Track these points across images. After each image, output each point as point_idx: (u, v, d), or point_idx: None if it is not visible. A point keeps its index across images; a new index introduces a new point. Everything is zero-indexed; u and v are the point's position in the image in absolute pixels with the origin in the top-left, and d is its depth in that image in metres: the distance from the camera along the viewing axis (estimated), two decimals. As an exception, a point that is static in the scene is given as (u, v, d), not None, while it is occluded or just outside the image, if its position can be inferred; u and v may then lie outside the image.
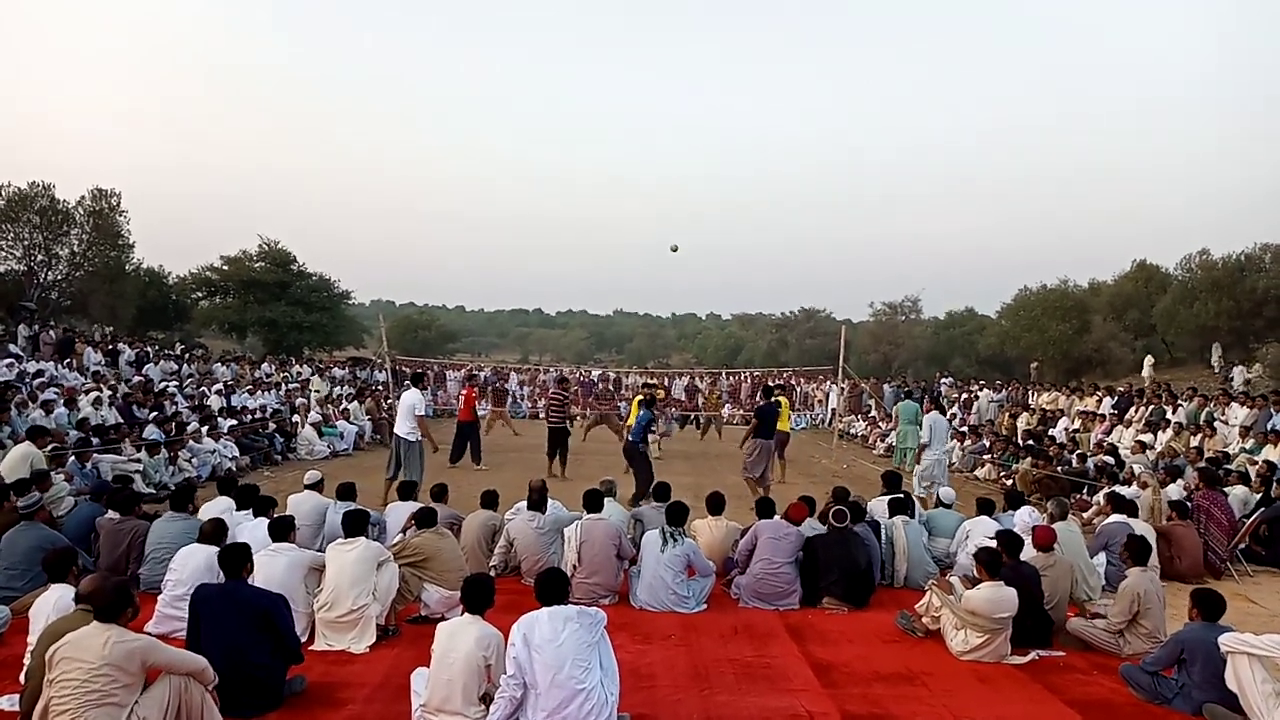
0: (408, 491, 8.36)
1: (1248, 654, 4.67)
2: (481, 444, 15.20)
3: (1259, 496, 9.65)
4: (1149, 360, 24.55)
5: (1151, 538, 7.73)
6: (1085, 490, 11.63)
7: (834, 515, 7.30)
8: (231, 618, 4.75)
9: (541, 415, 25.84)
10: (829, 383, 26.49)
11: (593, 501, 7.31)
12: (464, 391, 15.78)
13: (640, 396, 13.06)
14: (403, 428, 11.05)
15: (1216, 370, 24.80)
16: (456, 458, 14.70)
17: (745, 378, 32.30)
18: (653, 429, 11.59)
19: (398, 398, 17.80)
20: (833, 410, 23.65)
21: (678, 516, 7.17)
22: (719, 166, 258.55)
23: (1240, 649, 4.71)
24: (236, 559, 5.03)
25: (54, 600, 4.80)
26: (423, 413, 11.28)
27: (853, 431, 22.88)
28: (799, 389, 29.87)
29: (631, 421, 12.87)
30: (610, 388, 27.12)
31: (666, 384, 27.58)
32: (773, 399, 12.36)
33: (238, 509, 7.36)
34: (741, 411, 27.20)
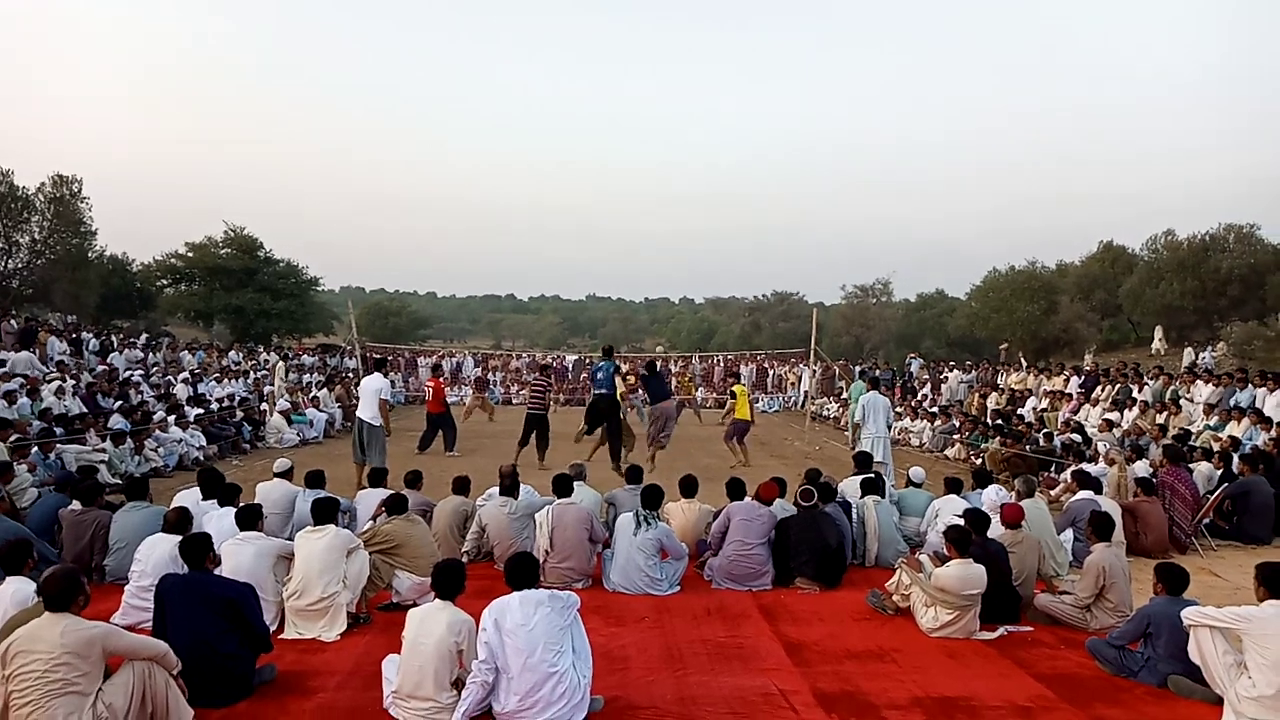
0: (378, 478, 8.29)
1: (1209, 626, 4.75)
2: (457, 430, 15.14)
3: (1220, 472, 9.82)
4: (1091, 349, 25.01)
5: (1117, 514, 7.84)
6: (1053, 468, 11.77)
7: (800, 495, 7.34)
8: (197, 608, 4.69)
9: (516, 401, 25.96)
10: (801, 365, 26.63)
11: (562, 486, 7.29)
12: (430, 383, 15.61)
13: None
14: (366, 412, 11.07)
15: (1156, 353, 25.05)
16: (425, 446, 14.60)
17: (718, 361, 32.39)
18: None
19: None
20: (805, 392, 23.80)
21: (652, 500, 7.18)
22: (691, 152, 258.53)
23: (1202, 622, 4.78)
24: (197, 549, 4.94)
25: (10, 593, 4.71)
26: (387, 397, 11.23)
27: (825, 413, 23.01)
28: (773, 372, 30.00)
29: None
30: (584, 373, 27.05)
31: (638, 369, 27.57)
32: (657, 371, 13.60)
33: (204, 498, 7.27)
34: (715, 395, 27.28)
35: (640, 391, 15.35)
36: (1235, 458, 10.01)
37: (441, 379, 16.18)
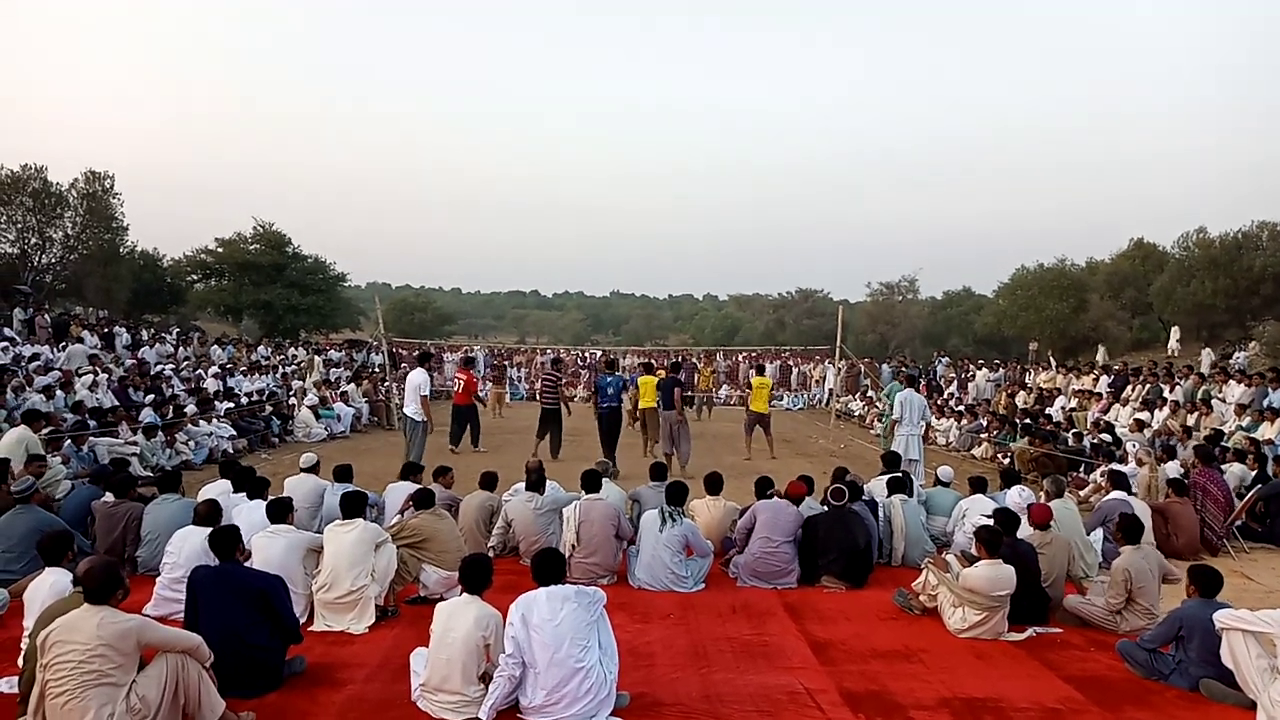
0: (409, 472, 8.33)
1: (1242, 630, 4.69)
2: (481, 426, 15.04)
3: (1254, 473, 9.68)
4: (1101, 350, 24.83)
5: (1148, 515, 7.75)
6: (1082, 468, 11.64)
7: (832, 494, 7.30)
8: (228, 599, 4.75)
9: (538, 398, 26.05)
10: (826, 363, 26.49)
11: (590, 482, 7.31)
12: (459, 375, 15.33)
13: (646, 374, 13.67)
14: (410, 407, 11.41)
15: (1172, 353, 24.59)
16: (456, 440, 14.50)
17: (741, 359, 32.25)
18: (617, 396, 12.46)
19: (397, 379, 17.87)
20: (830, 390, 23.68)
21: (677, 496, 7.18)
22: (715, 149, 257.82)
23: (1235, 625, 4.72)
24: (227, 542, 5.01)
25: (49, 584, 4.80)
26: (426, 393, 11.34)
27: (850, 411, 22.88)
28: (797, 370, 29.86)
29: (648, 401, 13.37)
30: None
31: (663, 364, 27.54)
32: (679, 373, 13.47)
33: (234, 491, 7.36)
34: (739, 392, 27.19)
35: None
36: (1270, 459, 9.85)
37: (472, 372, 15.87)
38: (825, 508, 7.42)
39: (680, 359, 22.76)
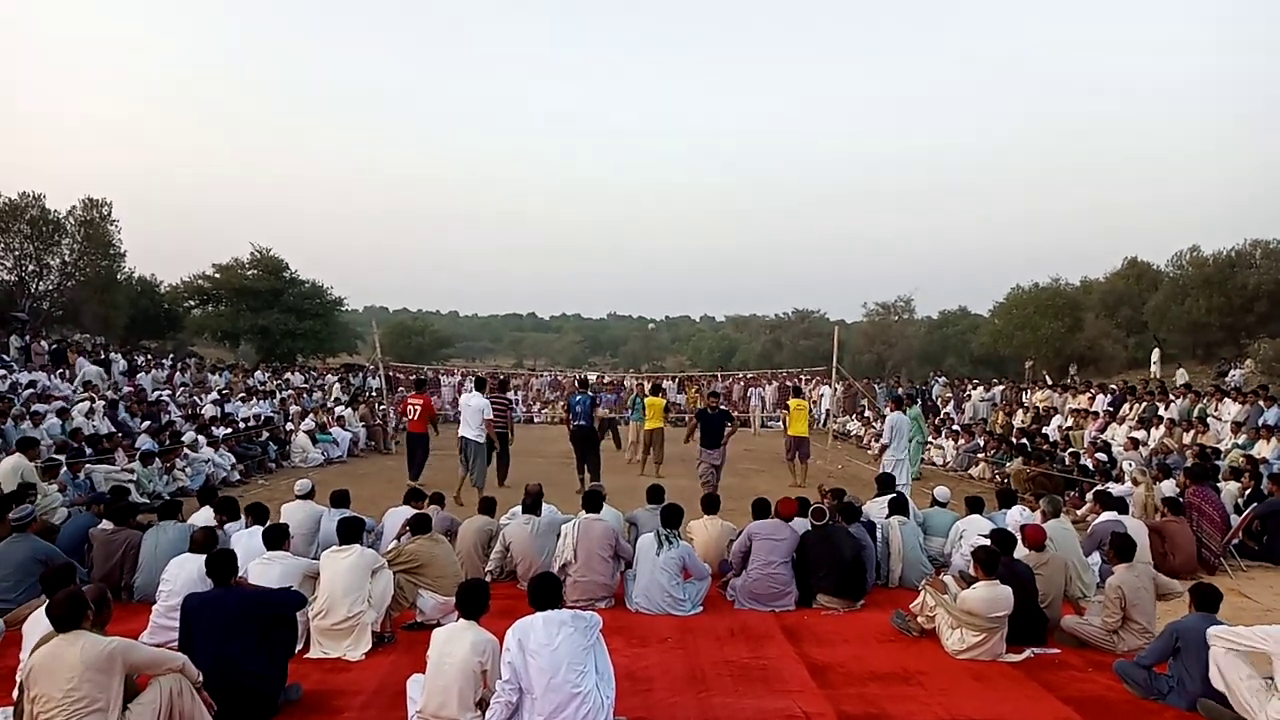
0: (412, 496, 8.28)
1: (1230, 648, 4.71)
2: (428, 455, 13.29)
3: (1249, 491, 9.69)
4: (1074, 368, 25.14)
5: (1144, 535, 7.75)
6: (1079, 488, 11.65)
7: (812, 514, 7.31)
8: (223, 625, 4.73)
9: (538, 420, 26.05)
10: (823, 384, 26.51)
11: (592, 502, 7.34)
12: (415, 400, 13.35)
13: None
14: (469, 430, 11.54)
15: (1153, 375, 24.64)
16: (417, 473, 12.92)
17: (738, 379, 32.28)
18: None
19: (394, 403, 17.89)
20: (827, 411, 23.69)
21: (673, 519, 7.18)
22: (710, 169, 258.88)
23: (1229, 640, 4.74)
24: (223, 567, 5.00)
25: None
26: (489, 416, 11.59)
27: (847, 432, 22.87)
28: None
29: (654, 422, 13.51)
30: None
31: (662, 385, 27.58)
32: (719, 406, 12.79)
33: (228, 519, 7.35)
34: (737, 413, 27.18)
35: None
36: (1265, 477, 9.87)
37: (427, 395, 14.07)
38: (810, 526, 7.43)
39: (723, 387, 22.64)
